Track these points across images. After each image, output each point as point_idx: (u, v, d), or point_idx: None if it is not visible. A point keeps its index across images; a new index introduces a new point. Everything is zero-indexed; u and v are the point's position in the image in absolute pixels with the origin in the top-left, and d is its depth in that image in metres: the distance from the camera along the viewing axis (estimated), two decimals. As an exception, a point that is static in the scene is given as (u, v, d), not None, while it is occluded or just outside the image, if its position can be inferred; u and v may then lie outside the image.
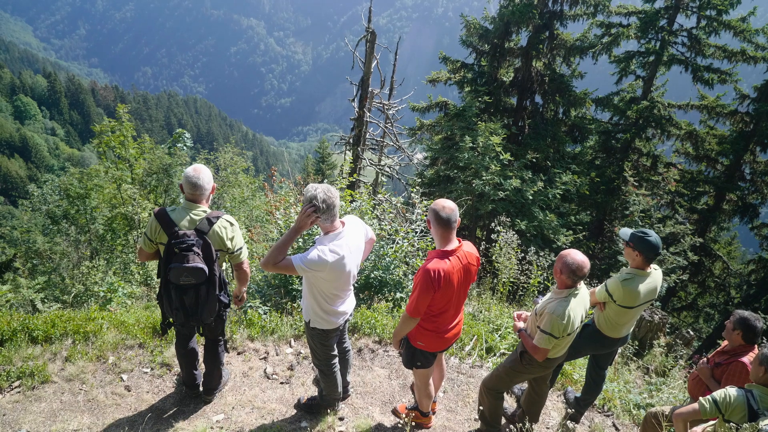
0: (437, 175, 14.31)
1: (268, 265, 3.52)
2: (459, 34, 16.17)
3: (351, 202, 6.86)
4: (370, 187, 7.47)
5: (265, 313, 6.05)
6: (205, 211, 3.86)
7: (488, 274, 8.44)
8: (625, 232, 4.29)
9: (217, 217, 3.86)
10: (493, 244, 7.89)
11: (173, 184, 14.56)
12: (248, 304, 6.22)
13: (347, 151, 14.81)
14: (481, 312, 6.86)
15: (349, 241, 3.67)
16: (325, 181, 13.45)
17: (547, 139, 14.66)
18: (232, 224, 3.96)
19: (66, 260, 12.08)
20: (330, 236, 3.63)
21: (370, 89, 13.86)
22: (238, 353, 5.40)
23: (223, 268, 4.14)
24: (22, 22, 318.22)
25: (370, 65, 13.53)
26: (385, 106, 14.24)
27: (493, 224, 8.28)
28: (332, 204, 3.52)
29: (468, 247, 3.78)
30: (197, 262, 3.68)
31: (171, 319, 4.06)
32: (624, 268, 4.42)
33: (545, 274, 7.64)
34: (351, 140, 14.60)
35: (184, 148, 15.20)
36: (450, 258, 3.59)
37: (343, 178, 7.40)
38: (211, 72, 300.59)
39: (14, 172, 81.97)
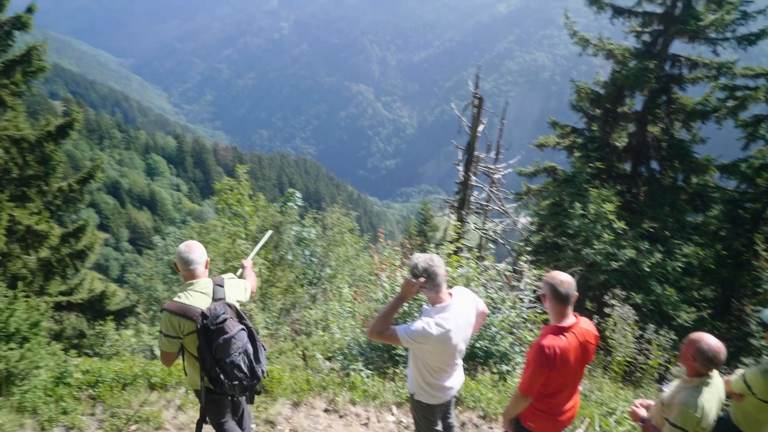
0: (544, 241, 13.87)
1: (373, 334, 3.47)
2: (568, 98, 15.93)
3: (457, 267, 6.73)
4: (476, 252, 7.30)
5: (367, 377, 5.97)
6: (209, 282, 3.80)
7: (600, 351, 7.91)
8: None
9: (223, 280, 3.84)
10: (606, 318, 7.41)
11: (283, 240, 15.10)
12: (351, 366, 6.17)
13: (451, 214, 14.77)
14: (592, 392, 6.39)
15: (457, 314, 3.52)
16: (430, 244, 13.42)
17: (665, 208, 13.81)
18: (234, 279, 3.99)
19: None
20: (437, 308, 3.49)
21: (475, 153, 13.88)
22: (340, 416, 5.33)
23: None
24: (159, 89, 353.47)
25: (477, 129, 13.59)
26: (491, 170, 14.17)
27: (606, 297, 7.82)
28: (435, 274, 3.42)
29: (585, 323, 3.54)
30: (237, 325, 3.67)
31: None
32: (766, 357, 3.93)
33: (666, 356, 7.02)
34: (455, 203, 14.58)
35: (295, 207, 15.79)
36: (566, 334, 3.37)
37: (450, 242, 7.33)
38: (321, 134, 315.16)
39: (142, 223, 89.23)
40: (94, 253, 14.44)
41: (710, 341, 3.28)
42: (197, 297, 3.65)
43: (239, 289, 3.93)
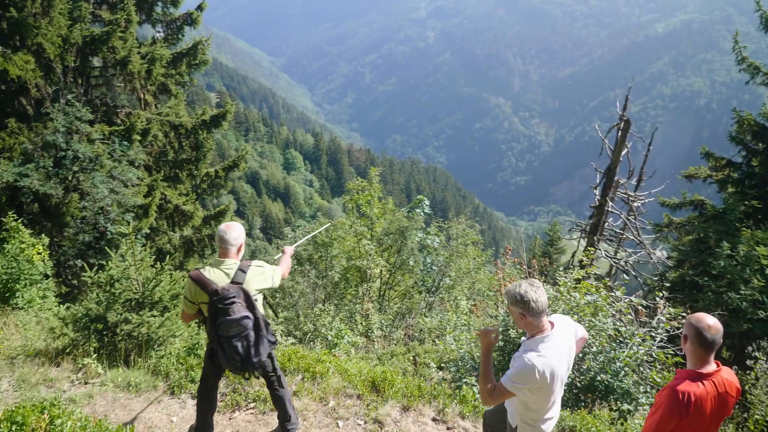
0: (682, 279, 12.92)
1: (486, 400, 3.38)
2: (724, 128, 14.80)
3: (586, 294, 6.49)
4: (607, 281, 6.99)
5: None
6: (235, 263, 4.07)
7: (737, 406, 7.26)
8: None
9: (248, 266, 4.07)
10: (747, 372, 6.80)
11: (406, 245, 15.34)
12: (464, 380, 6.18)
13: (581, 239, 14.22)
14: (722, 448, 5.90)
15: (559, 344, 3.34)
16: (556, 267, 13.03)
17: (829, 259, 12.38)
18: (261, 266, 4.18)
19: (303, 299, 13.30)
20: (536, 339, 3.33)
21: (616, 178, 13.27)
22: (447, 428, 5.35)
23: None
24: (303, 88, 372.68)
25: (620, 153, 13.00)
26: (631, 198, 13.47)
27: (749, 348, 7.17)
28: (533, 301, 3.23)
29: (727, 373, 3.21)
30: (242, 311, 3.90)
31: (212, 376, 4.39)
32: None
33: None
34: (587, 228, 14.02)
35: (422, 213, 15.99)
36: (705, 382, 3.09)
37: (581, 267, 7.08)
38: (454, 144, 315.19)
39: (274, 214, 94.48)
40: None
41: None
42: (218, 274, 4.00)
43: (264, 278, 4.18)
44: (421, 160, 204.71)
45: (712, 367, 3.16)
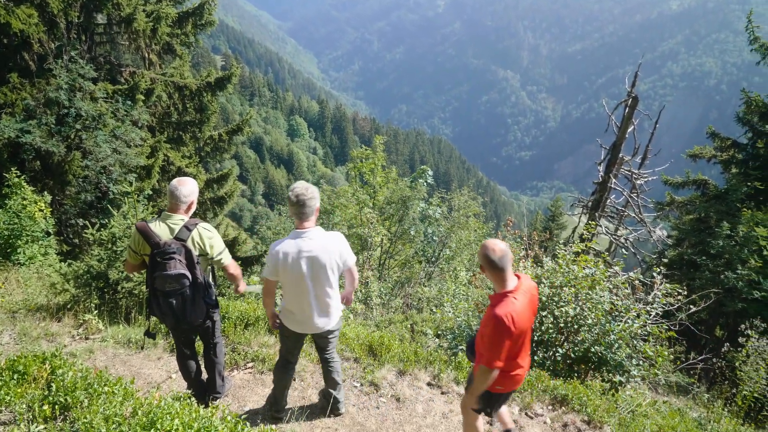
0: (681, 257, 12.98)
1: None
2: (733, 110, 14.66)
3: (584, 268, 6.53)
4: (606, 256, 7.03)
5: (474, 360, 6.03)
6: (182, 220, 4.00)
7: (726, 381, 7.36)
8: None
9: (195, 225, 3.99)
10: (739, 349, 6.88)
11: (407, 215, 15.39)
12: (460, 347, 6.26)
13: (583, 215, 14.23)
14: (709, 422, 5.99)
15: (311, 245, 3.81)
16: (556, 241, 13.08)
17: (829, 243, 12.40)
18: (209, 230, 4.07)
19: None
20: (294, 233, 3.84)
21: (620, 155, 13.21)
22: (442, 392, 5.44)
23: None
24: (310, 54, 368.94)
25: (626, 130, 12.92)
26: (634, 175, 13.43)
27: (742, 326, 7.24)
28: (302, 202, 3.76)
29: (526, 278, 3.57)
30: (180, 268, 3.86)
31: (153, 327, 4.47)
32: None
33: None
34: (589, 204, 14.01)
35: (425, 184, 15.99)
36: (516, 297, 3.39)
37: (581, 240, 7.12)
38: (460, 117, 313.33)
39: (277, 180, 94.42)
40: (232, 202, 15.55)
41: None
42: (163, 228, 3.96)
43: (209, 243, 4.07)
44: (426, 131, 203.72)
45: (514, 281, 3.43)
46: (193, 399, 3.41)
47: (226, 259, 4.22)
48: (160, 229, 3.95)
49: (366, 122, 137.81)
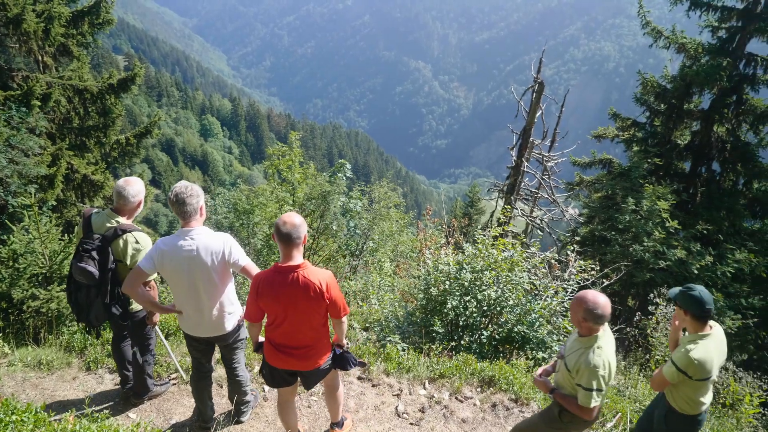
0: (592, 234, 13.62)
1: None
2: (631, 91, 15.49)
3: (503, 251, 6.72)
4: (523, 238, 7.28)
5: (403, 350, 6.07)
6: (118, 222, 4.02)
7: (640, 348, 7.81)
8: (673, 291, 3.76)
9: (125, 231, 3.99)
10: (649, 317, 7.31)
11: (329, 210, 15.27)
12: (387, 338, 6.29)
13: (499, 199, 14.65)
14: (627, 388, 6.34)
15: (192, 244, 3.68)
16: (475, 227, 13.38)
17: (722, 211, 13.36)
18: (137, 242, 4.07)
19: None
20: (178, 232, 3.75)
21: (531, 139, 13.69)
22: (373, 385, 5.45)
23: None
24: (219, 52, 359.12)
25: (534, 115, 13.38)
26: (545, 158, 13.95)
27: (651, 295, 7.69)
28: (182, 200, 3.67)
29: (312, 272, 3.52)
30: (88, 265, 3.86)
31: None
32: (683, 336, 3.80)
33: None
34: (505, 188, 14.45)
35: (344, 178, 15.91)
36: (280, 271, 3.45)
37: (498, 225, 7.32)
38: (375, 108, 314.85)
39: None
40: (145, 208, 14.92)
41: (596, 298, 3.32)
42: (102, 224, 4.01)
43: (130, 255, 4.04)
44: (342, 124, 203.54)
45: (293, 262, 3.48)
46: (111, 419, 3.23)
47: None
48: (98, 222, 3.97)
49: (281, 118, 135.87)
